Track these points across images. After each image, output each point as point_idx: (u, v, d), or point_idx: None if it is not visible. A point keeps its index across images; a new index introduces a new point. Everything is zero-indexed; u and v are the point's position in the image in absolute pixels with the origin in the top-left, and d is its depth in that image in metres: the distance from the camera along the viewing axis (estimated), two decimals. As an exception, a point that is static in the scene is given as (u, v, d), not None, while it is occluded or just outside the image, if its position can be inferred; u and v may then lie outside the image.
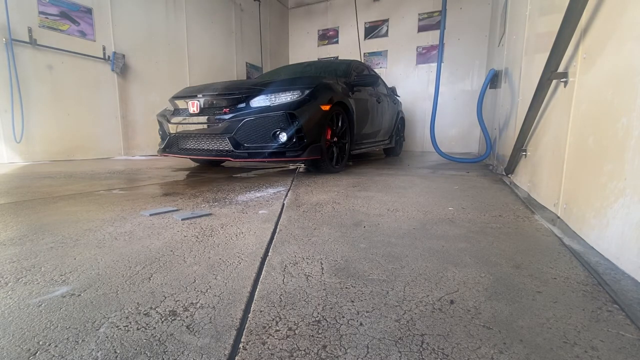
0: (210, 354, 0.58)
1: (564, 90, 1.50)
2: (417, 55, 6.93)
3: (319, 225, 1.37)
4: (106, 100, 4.48)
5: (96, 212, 1.55)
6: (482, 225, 1.37)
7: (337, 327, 0.66)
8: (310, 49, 8.14)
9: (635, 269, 0.86)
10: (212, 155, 2.72)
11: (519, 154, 2.27)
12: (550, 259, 1.01)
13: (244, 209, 1.63)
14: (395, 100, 5.20)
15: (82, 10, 4.12)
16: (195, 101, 2.74)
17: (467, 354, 0.58)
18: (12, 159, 3.65)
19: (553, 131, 1.64)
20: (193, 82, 5.58)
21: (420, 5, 6.81)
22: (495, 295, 0.79)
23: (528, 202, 1.79)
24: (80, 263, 0.96)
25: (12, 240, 1.15)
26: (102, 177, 2.65)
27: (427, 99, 6.77)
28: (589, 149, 1.19)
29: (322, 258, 1.02)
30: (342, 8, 7.65)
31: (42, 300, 0.75)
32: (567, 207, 1.35)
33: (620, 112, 0.99)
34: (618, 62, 1.04)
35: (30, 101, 3.72)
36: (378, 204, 1.77)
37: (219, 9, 6.20)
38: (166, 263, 0.97)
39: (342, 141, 3.13)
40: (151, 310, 0.71)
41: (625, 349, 0.60)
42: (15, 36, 3.53)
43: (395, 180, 2.65)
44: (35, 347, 0.59)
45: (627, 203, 0.91)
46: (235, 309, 0.72)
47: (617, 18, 1.06)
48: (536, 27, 2.12)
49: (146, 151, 5.02)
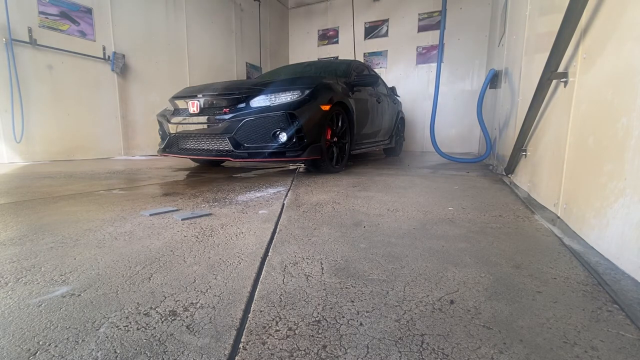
0: (210, 354, 0.58)
1: (564, 90, 1.50)
2: (417, 55, 6.93)
3: (319, 225, 1.37)
4: (106, 100, 4.48)
5: (96, 212, 1.55)
6: (482, 225, 1.37)
7: (337, 327, 0.66)
8: (310, 49, 8.14)
9: (635, 269, 0.86)
10: (212, 155, 2.72)
11: (519, 154, 2.27)
12: (550, 259, 1.01)
13: (244, 209, 1.63)
14: (395, 100, 5.20)
15: (82, 10, 4.12)
16: (195, 101, 2.74)
17: (467, 354, 0.58)
18: (12, 159, 3.65)
19: (553, 131, 1.64)
20: (193, 82, 5.58)
21: (420, 5, 6.81)
22: (495, 295, 0.79)
23: (528, 202, 1.79)
24: (80, 263, 0.96)
25: (12, 240, 1.15)
26: (102, 177, 2.65)
27: (427, 99, 6.77)
28: (589, 149, 1.19)
29: (322, 258, 1.02)
30: (342, 8, 7.64)
31: (42, 300, 0.75)
32: (567, 207, 1.35)
33: (620, 112, 0.99)
34: (618, 62, 1.04)
35: (30, 101, 3.72)
36: (378, 204, 1.77)
37: (219, 9, 6.20)
38: (166, 263, 0.97)
39: (342, 141, 3.13)
40: (151, 310, 0.71)
41: (625, 349, 0.60)
42: (15, 36, 3.53)
43: (395, 180, 2.65)
44: (35, 347, 0.59)
45: (627, 203, 0.91)
46: (235, 309, 0.72)
47: (617, 18, 1.06)
48: (536, 27, 2.12)
49: (146, 151, 5.02)
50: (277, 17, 7.91)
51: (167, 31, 5.23)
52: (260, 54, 7.33)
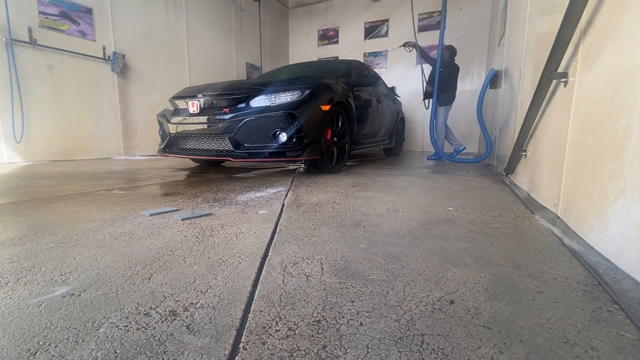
0: (210, 354, 0.58)
1: (564, 90, 1.50)
2: (418, 55, 6.92)
3: (319, 225, 1.37)
4: (106, 100, 4.48)
5: (96, 212, 1.55)
6: (482, 225, 1.37)
7: (337, 327, 0.66)
8: (310, 49, 8.13)
9: (635, 269, 0.86)
10: (212, 155, 2.72)
11: (519, 154, 2.27)
12: (550, 259, 1.01)
13: (244, 209, 1.63)
14: (395, 100, 5.20)
15: (82, 10, 4.12)
16: (195, 101, 2.74)
17: (467, 354, 0.58)
18: (12, 159, 3.65)
19: (553, 131, 1.64)
20: (193, 82, 5.58)
21: (420, 5, 6.79)
22: (495, 295, 0.79)
23: (528, 202, 1.79)
24: (80, 263, 0.96)
25: (12, 240, 1.15)
26: (102, 177, 2.65)
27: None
28: (589, 149, 1.19)
29: (322, 258, 1.02)
30: (342, 8, 7.64)
31: (42, 300, 0.75)
32: (567, 207, 1.35)
33: (620, 112, 0.99)
34: (618, 62, 1.04)
35: (31, 101, 3.73)
36: (378, 204, 1.77)
37: (219, 9, 6.20)
38: (166, 263, 0.97)
39: (342, 141, 3.13)
40: (151, 310, 0.71)
41: (625, 349, 0.60)
42: (15, 36, 3.53)
43: (395, 180, 2.65)
44: (35, 347, 0.59)
45: (627, 203, 0.91)
46: (235, 309, 0.72)
47: (617, 18, 1.06)
48: (536, 27, 2.12)
49: (146, 151, 5.02)
50: (277, 17, 7.91)
51: (167, 31, 5.23)
52: (261, 54, 7.33)
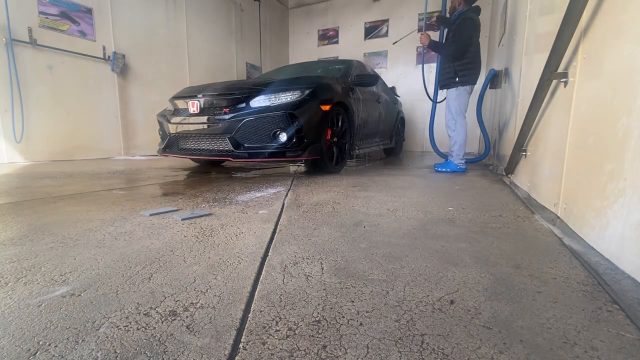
0: (210, 354, 0.58)
1: (564, 90, 1.50)
2: (417, 55, 6.92)
3: (319, 225, 1.37)
4: (106, 100, 4.48)
5: (96, 212, 1.55)
6: (482, 225, 1.37)
7: (337, 327, 0.66)
8: (310, 49, 8.13)
9: (635, 269, 0.86)
10: (212, 156, 2.72)
11: (519, 154, 2.27)
12: (550, 259, 1.01)
13: (244, 209, 1.63)
14: (395, 100, 5.20)
15: (82, 10, 4.12)
16: (195, 101, 2.74)
17: (467, 354, 0.58)
18: (13, 158, 3.65)
19: (553, 131, 1.64)
20: (193, 82, 5.57)
21: (420, 5, 6.79)
22: (495, 295, 0.79)
23: (528, 202, 1.79)
24: (80, 263, 0.96)
25: (12, 240, 1.15)
26: (102, 177, 2.65)
27: (427, 99, 6.74)
28: (589, 149, 1.19)
29: (322, 258, 1.02)
30: (342, 8, 7.64)
31: (42, 300, 0.75)
32: (567, 207, 1.35)
33: (621, 112, 0.99)
34: (618, 62, 1.04)
35: (31, 101, 3.72)
36: (378, 204, 1.77)
37: (219, 9, 6.20)
38: (166, 263, 0.97)
39: (342, 141, 3.13)
40: (151, 310, 0.71)
41: (625, 349, 0.60)
42: (15, 36, 3.53)
43: (395, 180, 2.65)
44: (35, 347, 0.59)
45: (627, 203, 0.91)
46: (235, 309, 0.72)
47: (617, 18, 1.06)
48: (536, 27, 2.12)
49: (146, 151, 5.02)
50: (277, 17, 7.90)
51: (167, 31, 5.22)
52: (261, 54, 7.32)
